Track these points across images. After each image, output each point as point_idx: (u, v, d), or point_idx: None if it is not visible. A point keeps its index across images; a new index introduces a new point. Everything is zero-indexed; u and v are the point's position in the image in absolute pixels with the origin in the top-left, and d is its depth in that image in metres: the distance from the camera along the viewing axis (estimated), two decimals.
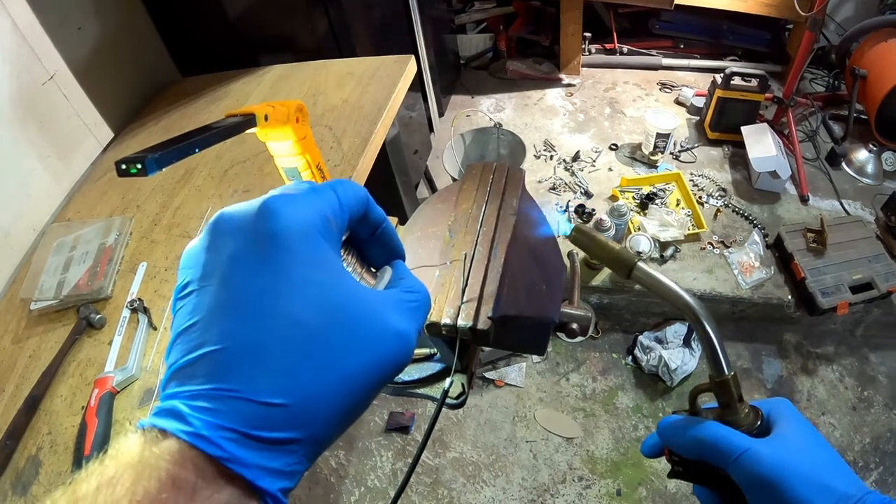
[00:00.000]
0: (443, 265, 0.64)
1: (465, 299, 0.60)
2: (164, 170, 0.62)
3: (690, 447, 0.55)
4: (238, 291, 0.32)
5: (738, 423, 0.53)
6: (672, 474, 0.59)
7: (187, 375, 0.31)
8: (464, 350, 0.64)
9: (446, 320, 0.58)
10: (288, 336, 0.31)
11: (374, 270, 0.44)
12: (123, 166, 0.50)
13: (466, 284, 0.61)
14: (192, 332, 0.32)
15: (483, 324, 0.58)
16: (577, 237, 0.57)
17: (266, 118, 0.76)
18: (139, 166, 0.49)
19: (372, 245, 0.43)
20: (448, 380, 0.64)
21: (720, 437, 0.52)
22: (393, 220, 1.16)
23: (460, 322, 0.58)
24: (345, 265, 0.41)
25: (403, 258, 0.45)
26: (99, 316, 1.27)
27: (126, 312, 1.28)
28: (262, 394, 0.30)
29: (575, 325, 0.70)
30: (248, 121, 0.72)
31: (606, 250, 0.55)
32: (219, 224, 0.34)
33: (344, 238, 0.41)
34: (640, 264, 0.54)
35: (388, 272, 0.43)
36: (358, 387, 0.33)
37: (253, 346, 0.31)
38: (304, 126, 0.88)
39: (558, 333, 0.71)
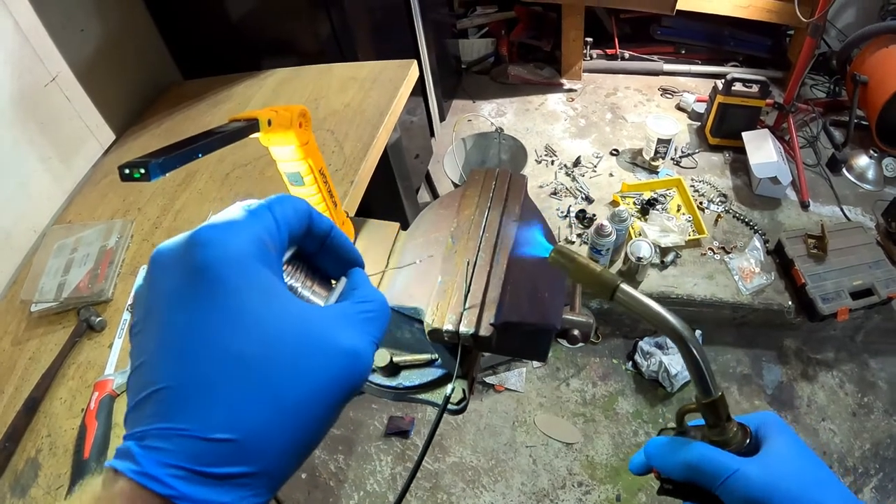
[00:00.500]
0: (420, 261, 0.65)
1: (467, 306, 0.60)
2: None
3: (678, 470, 0.54)
4: (175, 329, 0.32)
5: (726, 443, 0.53)
6: (661, 492, 0.58)
7: (138, 416, 0.31)
8: (465, 356, 0.64)
9: (448, 326, 0.59)
10: (227, 370, 0.31)
11: (333, 282, 0.43)
12: (127, 171, 0.49)
13: (469, 291, 0.61)
14: (139, 373, 0.32)
15: (485, 330, 0.58)
16: (556, 258, 0.56)
17: (269, 123, 0.76)
18: (142, 171, 0.49)
19: (323, 257, 0.42)
20: (449, 385, 0.64)
21: (708, 459, 0.51)
22: (394, 226, 1.16)
23: (462, 328, 0.58)
24: (293, 283, 0.40)
25: (361, 265, 0.44)
26: (99, 318, 1.27)
27: (127, 315, 1.28)
28: (207, 430, 0.29)
29: (576, 332, 0.70)
30: (252, 126, 0.72)
31: (587, 272, 0.53)
32: (155, 260, 0.34)
33: (290, 255, 0.40)
34: (623, 286, 0.52)
35: (342, 283, 0.42)
36: (310, 413, 0.33)
37: (193, 383, 0.30)
38: (306, 131, 0.87)
39: (559, 339, 0.71)
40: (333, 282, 0.43)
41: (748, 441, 0.53)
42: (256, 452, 0.30)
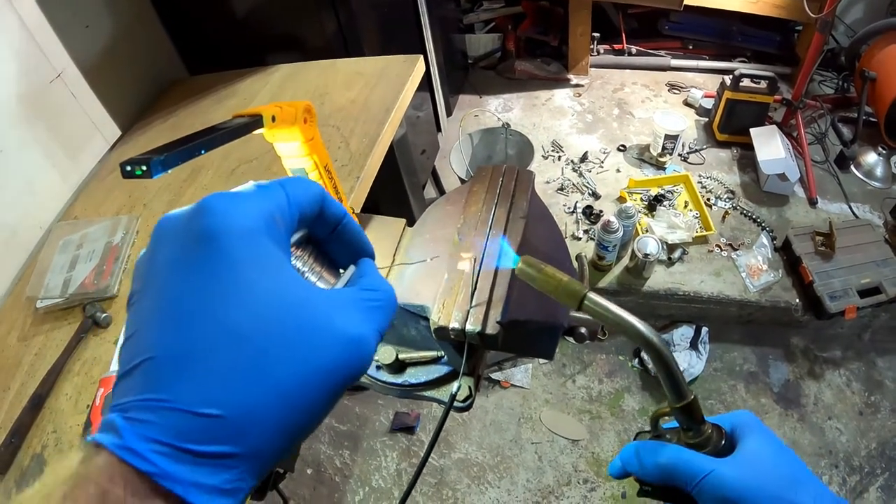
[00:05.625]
0: (431, 259, 0.64)
1: (473, 303, 0.59)
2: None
3: (654, 473, 0.54)
4: (170, 297, 0.31)
5: (701, 445, 0.53)
6: (641, 493, 0.58)
7: (124, 387, 0.30)
8: (471, 353, 0.64)
9: (455, 324, 0.58)
10: (218, 342, 0.30)
11: (342, 270, 0.42)
12: (128, 168, 0.49)
13: (475, 288, 0.61)
14: (130, 343, 0.31)
15: (492, 328, 0.58)
16: (523, 269, 0.55)
17: (273, 119, 0.75)
18: (144, 168, 0.49)
19: (333, 244, 0.42)
20: (455, 383, 0.64)
21: (682, 462, 0.52)
22: (401, 222, 1.15)
23: (469, 326, 0.58)
24: (299, 265, 0.40)
25: (371, 255, 0.44)
26: (105, 314, 1.27)
27: None
28: (193, 404, 0.28)
29: (583, 329, 0.70)
30: (256, 121, 0.71)
31: (554, 282, 0.53)
32: (160, 228, 0.33)
33: (299, 237, 0.40)
34: (591, 294, 0.52)
35: (350, 271, 0.41)
36: (303, 396, 0.32)
37: (183, 353, 0.29)
38: (311, 127, 0.87)
39: (566, 337, 0.70)
40: (342, 271, 0.42)
41: (723, 441, 0.54)
42: (243, 432, 0.29)
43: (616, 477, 0.60)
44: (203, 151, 0.56)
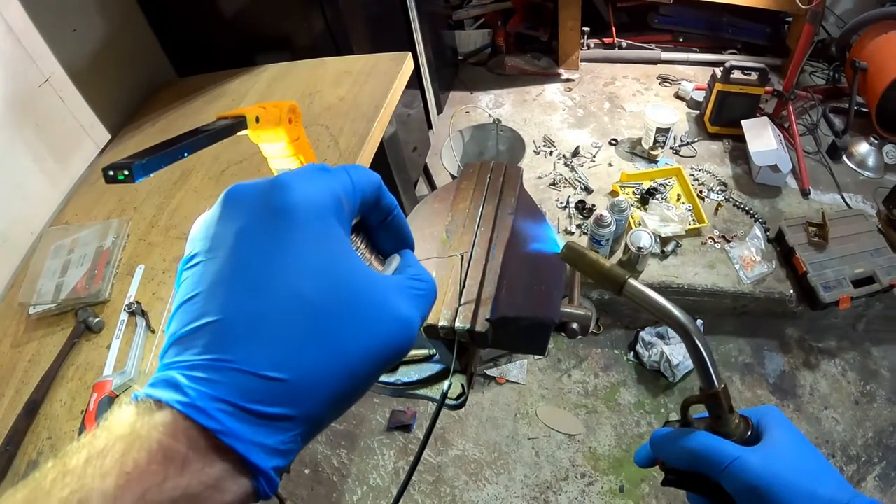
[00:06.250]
0: (446, 258, 0.64)
1: (462, 301, 0.59)
2: (159, 172, 0.62)
3: (682, 458, 0.56)
4: (243, 263, 0.31)
5: (728, 433, 0.55)
6: (665, 482, 0.60)
7: (186, 345, 0.30)
8: (462, 351, 0.63)
9: (444, 322, 0.58)
10: (290, 310, 0.31)
11: (382, 258, 0.44)
12: (111, 173, 0.49)
13: (464, 286, 0.60)
14: (194, 303, 0.31)
15: (481, 326, 0.57)
16: (567, 255, 0.57)
17: (257, 120, 0.75)
18: (126, 173, 0.48)
19: (382, 232, 0.43)
20: (447, 381, 0.64)
21: (711, 447, 0.53)
22: None
23: (458, 324, 0.57)
24: (353, 248, 0.40)
25: (413, 248, 0.45)
26: (97, 319, 1.26)
27: (124, 315, 1.27)
28: (260, 366, 0.29)
29: (575, 325, 0.70)
30: (239, 123, 0.71)
31: (597, 268, 0.55)
32: (231, 196, 0.34)
33: (354, 222, 0.41)
34: (631, 281, 0.54)
35: (396, 260, 0.43)
36: (358, 368, 0.33)
37: (254, 317, 0.30)
38: (297, 127, 0.86)
39: (560, 332, 0.70)
40: (382, 258, 0.44)
41: (749, 433, 0.55)
42: (304, 396, 0.31)
43: (641, 465, 0.62)
44: (186, 154, 0.56)
